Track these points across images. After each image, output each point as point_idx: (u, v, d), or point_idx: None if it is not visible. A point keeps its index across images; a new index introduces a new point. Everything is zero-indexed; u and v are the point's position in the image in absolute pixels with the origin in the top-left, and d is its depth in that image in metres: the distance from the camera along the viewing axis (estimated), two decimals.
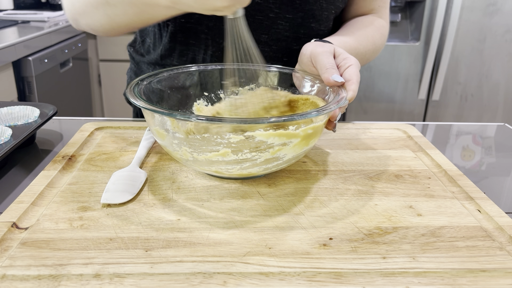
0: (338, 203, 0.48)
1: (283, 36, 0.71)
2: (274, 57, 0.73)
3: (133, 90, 0.50)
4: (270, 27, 0.70)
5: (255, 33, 0.70)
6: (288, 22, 0.70)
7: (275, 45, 0.72)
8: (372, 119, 2.06)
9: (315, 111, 0.45)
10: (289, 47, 0.73)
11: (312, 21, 0.71)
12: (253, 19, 0.69)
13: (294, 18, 0.70)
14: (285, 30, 0.71)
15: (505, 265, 0.38)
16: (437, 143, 0.69)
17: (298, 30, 0.71)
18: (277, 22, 0.70)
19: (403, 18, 2.00)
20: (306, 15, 0.71)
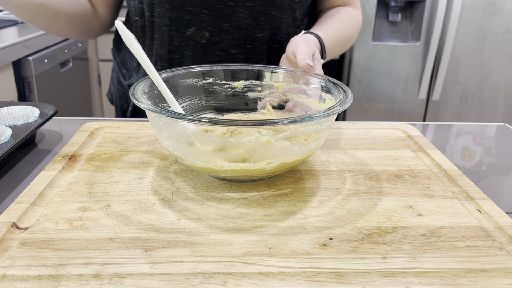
0: (338, 203, 0.48)
1: (244, 24, 0.73)
2: (237, 45, 0.75)
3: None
4: (230, 15, 0.73)
5: (216, 22, 0.72)
6: (248, 10, 0.73)
7: (237, 32, 0.74)
8: (372, 119, 2.06)
9: (320, 113, 0.45)
10: (251, 34, 0.75)
11: (272, 8, 0.74)
12: (213, 8, 0.72)
13: (254, 6, 0.73)
14: (245, 18, 0.73)
15: (505, 265, 0.38)
16: (437, 143, 0.69)
17: (258, 17, 0.74)
18: (237, 10, 0.72)
19: (403, 18, 2.00)
20: (265, 3, 0.73)
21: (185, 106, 0.61)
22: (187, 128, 0.49)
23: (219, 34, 0.74)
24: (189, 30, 0.73)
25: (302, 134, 0.49)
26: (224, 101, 0.64)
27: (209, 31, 0.73)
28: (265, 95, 0.64)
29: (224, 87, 0.63)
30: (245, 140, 0.45)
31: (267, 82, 0.63)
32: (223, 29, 0.73)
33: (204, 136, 0.49)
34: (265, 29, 0.75)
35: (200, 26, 0.73)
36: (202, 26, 0.73)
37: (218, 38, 0.74)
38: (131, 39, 0.51)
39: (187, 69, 0.61)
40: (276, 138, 0.45)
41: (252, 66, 0.64)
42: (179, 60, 0.77)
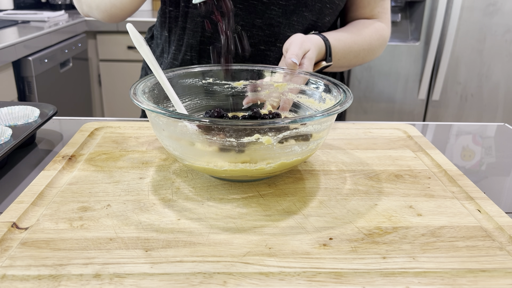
0: (338, 203, 0.48)
1: (276, 21, 0.74)
2: (268, 42, 0.76)
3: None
4: (263, 11, 0.73)
5: (249, 17, 0.73)
6: (281, 8, 0.73)
7: (268, 29, 0.74)
8: (372, 119, 2.06)
9: (321, 113, 0.45)
10: (283, 33, 0.75)
11: (305, 10, 0.74)
12: (248, 3, 0.72)
13: (287, 5, 0.73)
14: (278, 16, 0.73)
15: (505, 265, 0.38)
16: (437, 143, 0.69)
17: (291, 17, 0.74)
18: (270, 8, 0.72)
19: (403, 18, 2.00)
20: (298, 3, 0.73)
21: (185, 106, 0.61)
22: (187, 128, 0.49)
23: (250, 29, 0.74)
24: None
25: (302, 134, 0.49)
26: (224, 101, 0.64)
27: (241, 25, 0.74)
28: (265, 95, 0.64)
29: (224, 87, 0.63)
30: (245, 140, 0.45)
31: (267, 82, 0.63)
32: (255, 25, 0.74)
33: (204, 136, 0.49)
34: (296, 29, 0.75)
35: (234, 20, 0.73)
36: (235, 20, 0.73)
37: (249, 33, 0.75)
38: (141, 41, 0.52)
39: (187, 69, 0.61)
40: (276, 138, 0.45)
41: (252, 66, 0.64)
42: (209, 51, 0.78)
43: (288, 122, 0.43)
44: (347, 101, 0.49)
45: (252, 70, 0.64)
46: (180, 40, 0.80)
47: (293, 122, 0.43)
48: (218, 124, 0.44)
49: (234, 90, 0.64)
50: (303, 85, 0.60)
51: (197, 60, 0.80)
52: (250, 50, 0.76)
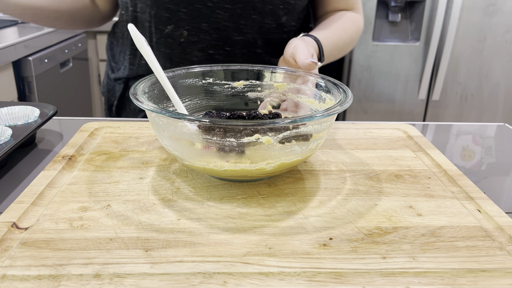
0: (338, 203, 0.48)
1: (222, 25, 0.73)
2: (215, 46, 0.75)
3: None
4: (209, 15, 0.72)
5: (194, 21, 0.72)
6: (227, 12, 0.72)
7: (215, 33, 0.73)
8: (372, 119, 2.06)
9: (321, 113, 0.45)
10: (230, 36, 0.74)
11: (253, 12, 0.73)
12: (192, 7, 0.71)
13: (233, 9, 0.72)
14: (224, 19, 0.72)
15: (505, 265, 0.38)
16: (437, 143, 0.69)
17: (238, 20, 0.73)
18: (216, 11, 0.71)
19: (403, 18, 2.00)
20: (245, 6, 0.72)
21: (185, 106, 0.61)
22: (187, 128, 0.49)
23: (197, 34, 0.73)
24: (167, 28, 0.73)
25: (302, 134, 0.49)
26: (224, 101, 0.64)
27: (187, 30, 0.73)
28: (265, 95, 0.64)
29: (224, 87, 0.63)
30: (245, 140, 0.45)
31: (267, 82, 0.63)
32: (201, 29, 0.73)
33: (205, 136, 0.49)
34: (245, 33, 0.74)
35: (179, 25, 0.73)
36: (181, 25, 0.72)
37: (196, 38, 0.73)
38: (142, 41, 0.52)
39: (187, 69, 0.61)
40: (276, 138, 0.45)
41: (252, 66, 0.64)
42: (157, 58, 0.77)
43: (288, 122, 0.43)
44: (347, 101, 0.49)
45: (252, 70, 0.64)
46: (133, 45, 0.80)
47: (293, 122, 0.43)
48: (218, 124, 0.44)
49: (234, 90, 0.64)
50: (303, 85, 0.60)
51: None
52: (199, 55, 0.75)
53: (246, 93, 0.64)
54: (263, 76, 0.63)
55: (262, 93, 0.64)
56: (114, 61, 0.86)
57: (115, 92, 0.87)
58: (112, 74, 0.87)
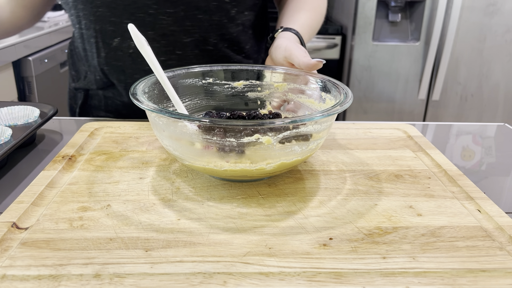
0: (338, 203, 0.48)
1: (169, 30, 0.71)
2: (166, 52, 0.73)
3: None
4: (153, 23, 0.70)
5: (140, 30, 0.69)
6: (171, 17, 0.70)
7: (163, 40, 0.72)
8: (372, 119, 2.06)
9: (320, 113, 0.45)
10: (179, 40, 0.72)
11: (198, 12, 0.71)
12: (135, 17, 0.70)
13: (176, 12, 0.70)
14: (169, 24, 0.71)
15: (505, 265, 0.38)
16: (437, 143, 0.69)
17: (183, 23, 0.71)
18: (159, 18, 0.70)
19: (403, 18, 2.00)
20: (188, 8, 0.70)
21: (185, 106, 0.61)
22: (187, 128, 0.49)
23: None
24: (114, 41, 0.72)
25: (302, 134, 0.49)
26: (224, 101, 0.64)
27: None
28: (265, 95, 0.64)
29: (224, 87, 0.63)
30: (245, 140, 0.45)
31: (267, 82, 0.63)
32: (148, 37, 0.69)
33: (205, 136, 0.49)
34: (193, 33, 0.72)
35: (125, 36, 0.72)
36: (127, 36, 0.71)
37: None
38: (142, 41, 0.52)
39: (187, 69, 0.61)
40: (276, 138, 0.45)
41: (252, 66, 0.64)
42: (108, 72, 0.76)
43: (288, 122, 0.43)
44: (347, 101, 0.49)
45: (252, 70, 0.64)
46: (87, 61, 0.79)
47: (293, 122, 0.43)
48: (218, 124, 0.44)
49: (234, 90, 0.64)
50: (303, 85, 0.60)
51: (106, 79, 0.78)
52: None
53: (246, 93, 0.64)
54: (263, 76, 0.63)
55: (262, 93, 0.64)
56: (74, 70, 0.85)
57: (76, 100, 0.86)
58: (72, 84, 0.85)
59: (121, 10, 0.70)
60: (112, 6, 0.69)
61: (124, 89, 0.78)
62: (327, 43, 2.08)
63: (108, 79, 0.79)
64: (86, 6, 0.71)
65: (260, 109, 0.64)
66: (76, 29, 0.78)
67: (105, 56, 0.75)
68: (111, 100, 0.81)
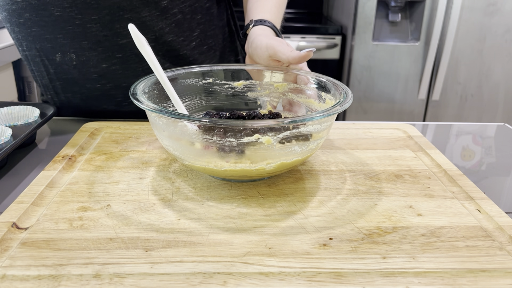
0: (338, 203, 0.48)
1: (101, 36, 0.69)
2: (106, 58, 0.71)
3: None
4: (83, 33, 0.68)
5: (74, 42, 0.69)
6: (98, 23, 0.68)
7: (99, 47, 0.70)
8: (372, 119, 2.06)
9: (320, 113, 0.45)
10: (115, 44, 0.70)
11: (123, 13, 0.68)
12: (65, 31, 0.68)
13: (101, 17, 0.67)
14: (99, 30, 0.68)
15: (505, 265, 0.38)
16: (437, 143, 0.69)
17: (112, 26, 0.68)
18: (87, 26, 0.68)
19: (403, 18, 2.00)
20: (112, 11, 0.67)
21: (185, 106, 0.61)
22: (187, 128, 0.49)
23: (83, 54, 0.70)
24: (57, 57, 0.71)
25: (302, 134, 0.49)
26: (224, 101, 0.64)
27: (74, 53, 0.70)
28: (265, 95, 0.64)
29: (224, 87, 0.63)
30: (245, 140, 0.45)
31: (267, 82, 0.63)
32: (84, 48, 0.69)
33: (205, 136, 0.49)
34: (126, 35, 0.69)
35: (64, 50, 0.70)
36: (66, 50, 0.70)
37: (85, 57, 0.70)
38: (142, 41, 0.51)
39: (187, 69, 0.61)
40: (276, 138, 0.45)
41: (252, 66, 0.64)
42: (62, 87, 0.75)
43: (288, 122, 0.43)
44: (347, 101, 0.49)
45: (252, 70, 0.64)
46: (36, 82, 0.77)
47: (293, 122, 0.43)
48: (218, 124, 0.44)
49: (234, 90, 0.64)
50: (303, 85, 0.60)
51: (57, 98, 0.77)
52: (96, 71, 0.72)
53: (246, 93, 0.64)
54: (263, 76, 0.63)
55: (262, 93, 0.64)
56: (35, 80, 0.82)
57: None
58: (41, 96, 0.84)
59: (51, 27, 0.68)
60: (41, 24, 0.68)
61: (80, 99, 0.76)
62: (327, 43, 2.08)
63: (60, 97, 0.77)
64: (20, 28, 0.70)
65: (260, 109, 0.64)
66: (20, 53, 0.76)
67: (54, 72, 0.73)
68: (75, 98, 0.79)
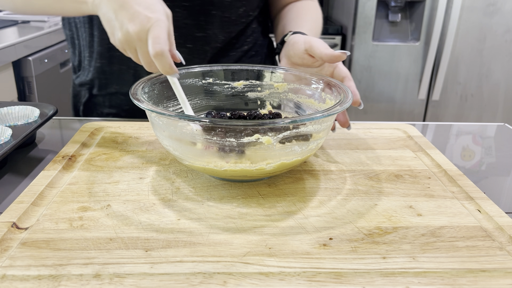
0: (338, 203, 0.48)
1: (182, 23, 0.72)
2: (177, 43, 0.71)
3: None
4: None
5: None
6: (186, 10, 0.71)
7: (175, 31, 0.70)
8: (372, 119, 2.06)
9: (320, 113, 0.45)
10: (191, 33, 0.73)
11: (212, 8, 0.72)
12: None
13: (192, 6, 0.71)
14: (183, 17, 0.72)
15: (505, 265, 0.38)
16: (437, 143, 0.69)
17: (198, 17, 0.72)
18: (175, 10, 0.70)
19: (403, 18, 2.00)
20: (204, 2, 0.71)
21: None
22: (187, 128, 0.49)
23: None
24: None
25: (302, 134, 0.49)
26: (224, 101, 0.64)
27: None
28: (265, 95, 0.64)
29: (224, 87, 0.63)
30: (245, 141, 0.45)
31: (267, 82, 0.63)
32: None
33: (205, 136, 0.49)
34: (205, 29, 0.73)
35: None
36: None
37: None
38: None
39: (187, 69, 0.61)
40: (276, 138, 0.45)
41: (252, 66, 0.64)
42: (119, 58, 0.76)
43: (288, 122, 0.43)
44: (347, 101, 0.49)
45: (252, 70, 0.64)
46: (91, 47, 0.78)
47: (293, 122, 0.43)
48: (218, 124, 0.44)
49: (234, 90, 0.63)
50: (303, 85, 0.60)
51: (108, 67, 0.78)
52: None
53: (246, 93, 0.64)
54: (263, 76, 0.63)
55: (262, 93, 0.64)
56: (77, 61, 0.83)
57: (80, 98, 0.85)
58: (77, 79, 0.84)
59: None
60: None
61: (132, 76, 0.77)
62: (327, 43, 2.08)
63: (110, 68, 0.78)
64: None
65: (260, 109, 0.64)
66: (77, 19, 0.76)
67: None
68: (115, 95, 0.81)
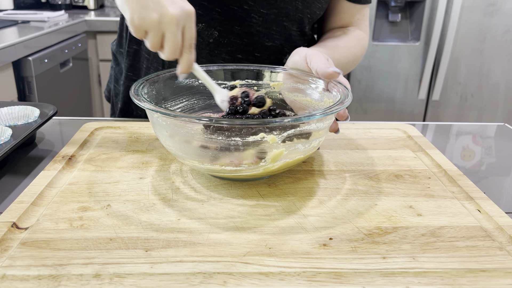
0: (338, 203, 0.48)
1: (255, 30, 0.72)
2: (245, 51, 0.73)
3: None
4: (243, 19, 0.70)
5: (227, 23, 0.70)
6: (262, 17, 0.71)
7: (246, 38, 0.72)
8: (372, 119, 2.06)
9: (320, 111, 0.45)
10: (261, 42, 0.73)
11: (285, 19, 0.72)
12: (228, 8, 0.69)
13: (268, 14, 0.71)
14: (258, 24, 0.71)
15: (505, 265, 0.38)
16: (437, 143, 0.69)
17: (270, 26, 0.72)
18: (251, 15, 0.70)
19: (403, 18, 2.00)
20: (280, 13, 0.71)
21: (183, 106, 0.61)
22: (188, 128, 0.49)
23: (228, 36, 0.71)
24: (198, 26, 0.71)
25: (305, 132, 0.49)
26: None
27: (218, 31, 0.71)
28: (261, 94, 0.64)
29: (221, 87, 0.63)
30: (250, 139, 0.45)
31: (264, 82, 0.63)
32: (233, 32, 0.71)
33: (206, 135, 0.49)
34: (274, 39, 0.73)
35: (211, 24, 0.71)
36: (213, 25, 0.71)
37: (227, 40, 0.72)
38: None
39: None
40: (281, 136, 0.45)
41: (250, 66, 0.63)
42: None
43: (293, 120, 0.43)
44: (347, 100, 0.49)
45: (251, 70, 0.63)
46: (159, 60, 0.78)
47: (298, 120, 0.43)
48: (220, 123, 0.44)
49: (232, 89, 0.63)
50: (302, 85, 0.60)
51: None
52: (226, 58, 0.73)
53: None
54: (262, 76, 0.63)
55: (259, 92, 0.64)
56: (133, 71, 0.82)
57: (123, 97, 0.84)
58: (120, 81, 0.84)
59: (219, 1, 0.69)
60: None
61: None
62: None
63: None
64: None
65: None
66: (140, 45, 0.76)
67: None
68: None
